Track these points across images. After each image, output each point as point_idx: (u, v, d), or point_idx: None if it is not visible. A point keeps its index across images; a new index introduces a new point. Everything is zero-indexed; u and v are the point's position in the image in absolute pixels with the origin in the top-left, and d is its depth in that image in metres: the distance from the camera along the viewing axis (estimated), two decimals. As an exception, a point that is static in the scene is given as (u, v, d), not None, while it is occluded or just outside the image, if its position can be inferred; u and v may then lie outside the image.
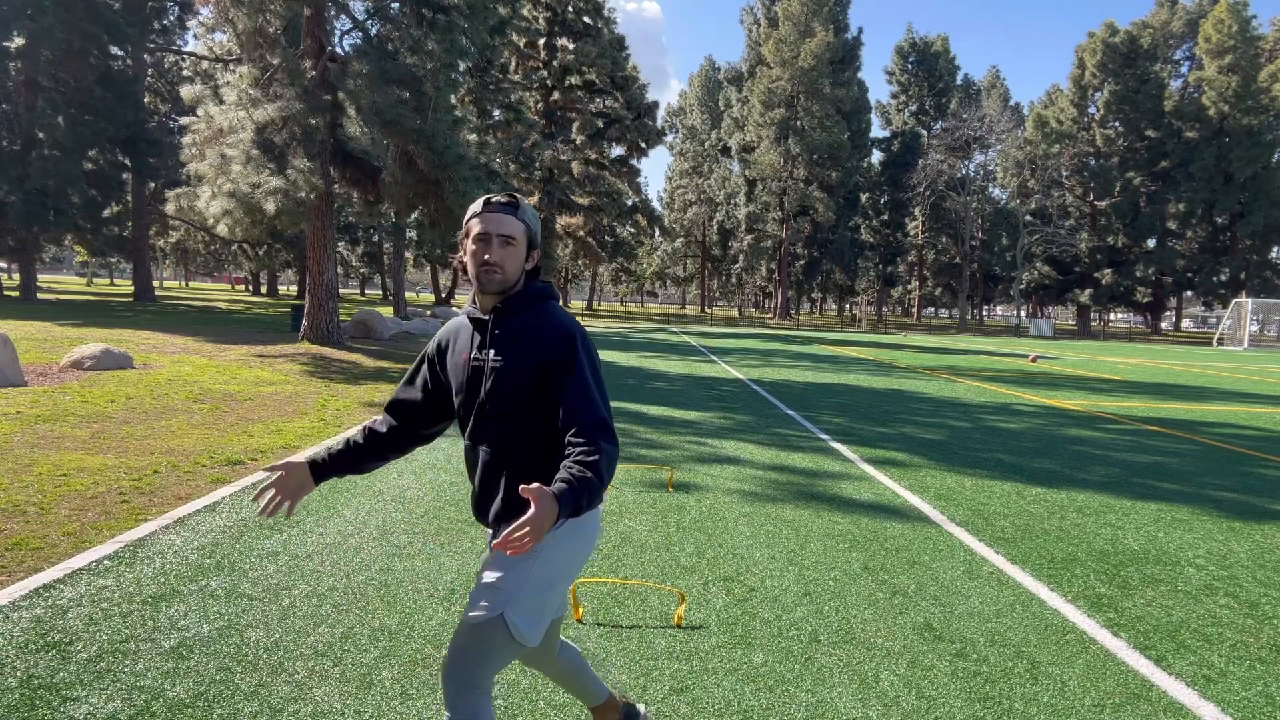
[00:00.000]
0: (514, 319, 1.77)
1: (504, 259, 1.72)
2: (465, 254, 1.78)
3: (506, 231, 1.72)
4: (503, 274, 1.73)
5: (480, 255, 1.72)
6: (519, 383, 1.71)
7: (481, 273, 1.72)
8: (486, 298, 1.77)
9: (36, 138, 25.64)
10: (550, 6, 38.32)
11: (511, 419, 1.73)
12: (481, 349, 1.76)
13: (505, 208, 1.74)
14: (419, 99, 14.30)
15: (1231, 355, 31.29)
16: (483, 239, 1.72)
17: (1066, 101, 55.14)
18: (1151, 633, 3.20)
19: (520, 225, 1.74)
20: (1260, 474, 6.65)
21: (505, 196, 1.75)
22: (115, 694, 2.41)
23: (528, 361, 1.71)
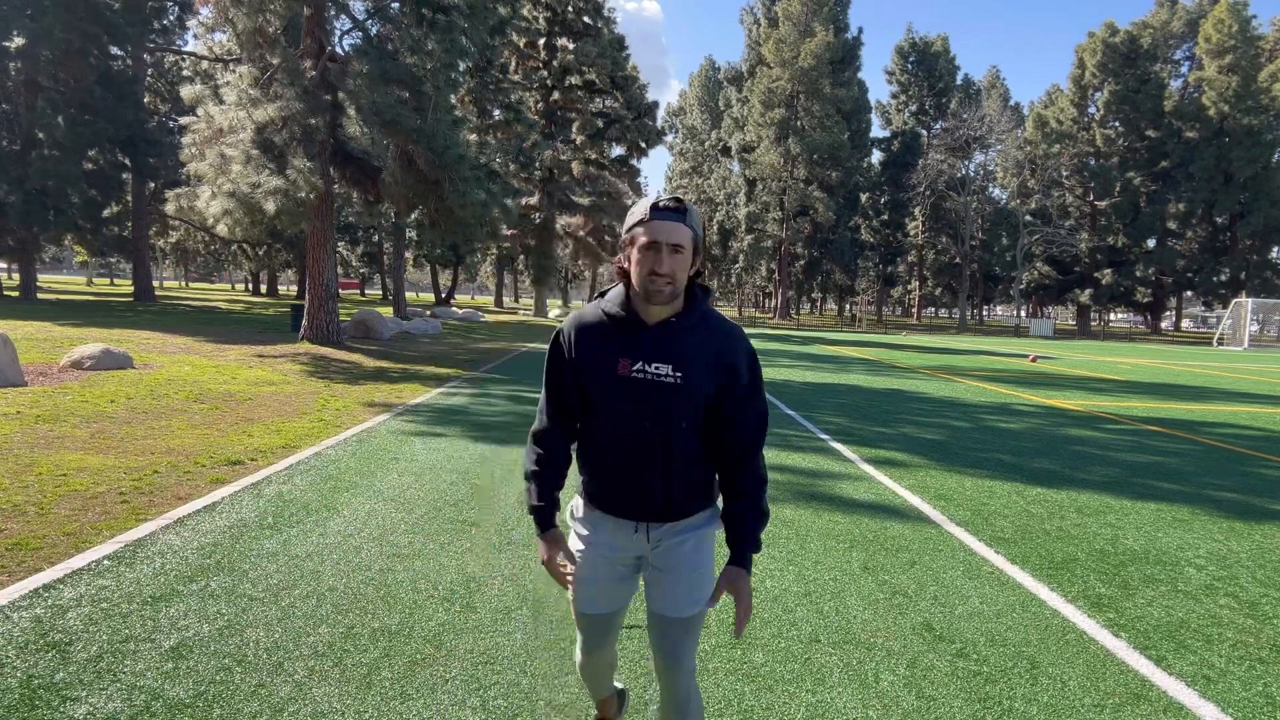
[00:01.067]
0: (688, 332, 1.70)
1: (674, 269, 1.62)
2: (626, 261, 1.68)
3: (676, 240, 1.62)
4: (674, 285, 1.63)
5: (649, 266, 1.62)
6: (695, 402, 1.69)
7: (650, 284, 1.62)
8: (654, 309, 1.68)
9: (36, 138, 25.64)
10: (550, 6, 38.31)
11: (680, 433, 1.70)
12: (650, 361, 1.67)
13: (674, 214, 1.63)
14: (419, 99, 14.30)
15: (1231, 355, 31.28)
16: (651, 248, 1.62)
17: (1066, 101, 55.13)
18: (1151, 633, 3.19)
19: (689, 232, 1.64)
20: (1260, 474, 6.65)
21: (672, 201, 1.64)
22: (115, 694, 2.41)
23: (706, 380, 1.69)
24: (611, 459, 1.76)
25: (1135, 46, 52.57)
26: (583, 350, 1.74)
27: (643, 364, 1.67)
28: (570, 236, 41.11)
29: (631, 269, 1.66)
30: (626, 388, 1.68)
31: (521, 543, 4.03)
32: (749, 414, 1.75)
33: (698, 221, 1.68)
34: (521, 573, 3.60)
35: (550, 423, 1.84)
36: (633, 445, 1.71)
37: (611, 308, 1.72)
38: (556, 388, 1.81)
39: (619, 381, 1.68)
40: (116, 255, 37.01)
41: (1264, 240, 48.74)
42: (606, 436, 1.75)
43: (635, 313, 1.69)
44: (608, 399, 1.70)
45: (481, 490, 5.05)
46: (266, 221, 13.40)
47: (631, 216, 1.68)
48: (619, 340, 1.70)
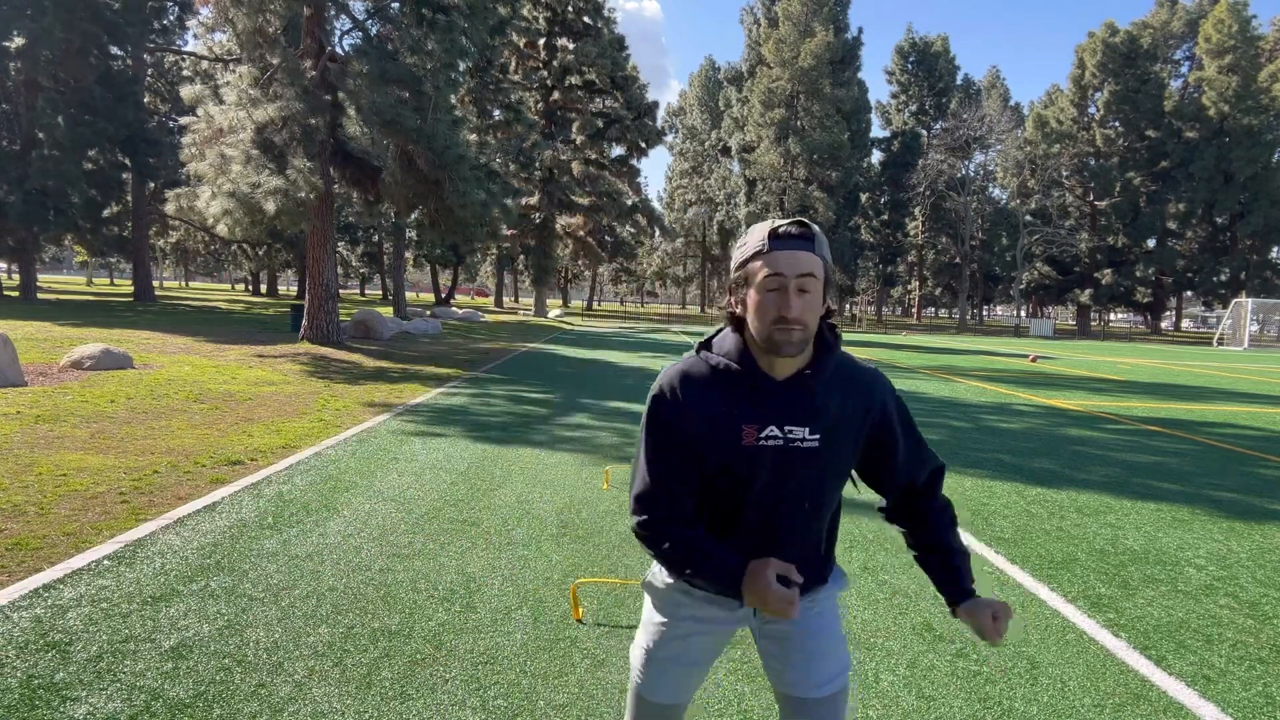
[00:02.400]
0: (825, 387, 1.40)
1: (805, 311, 1.30)
2: (739, 305, 1.38)
3: (806, 271, 1.30)
4: (805, 332, 1.31)
5: (774, 309, 1.30)
6: (839, 469, 1.43)
7: (777, 332, 1.30)
8: (780, 362, 1.37)
9: (36, 138, 25.64)
10: (550, 6, 38.31)
11: (816, 509, 1.44)
12: (781, 425, 1.37)
13: (800, 241, 1.31)
14: (419, 99, 14.31)
15: (1231, 355, 31.28)
16: (775, 287, 1.30)
17: (1066, 101, 55.14)
18: (1151, 633, 3.20)
19: (819, 262, 1.32)
20: (1260, 474, 6.65)
21: (796, 226, 1.32)
22: (115, 694, 2.41)
23: (851, 442, 1.43)
24: (737, 535, 1.44)
25: (1135, 46, 52.57)
26: (696, 412, 1.39)
27: (773, 428, 1.37)
28: (570, 236, 41.13)
29: (749, 314, 1.35)
30: (753, 459, 1.37)
31: (521, 543, 4.03)
32: (921, 463, 1.50)
33: (827, 249, 1.37)
34: (521, 573, 3.60)
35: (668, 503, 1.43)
36: (756, 527, 1.43)
37: (726, 362, 1.39)
38: (667, 463, 1.41)
39: (744, 453, 1.37)
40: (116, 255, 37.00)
41: (1264, 240, 48.73)
42: (722, 516, 1.44)
43: (757, 367, 1.38)
44: (728, 474, 1.39)
45: (481, 490, 5.05)
46: (266, 221, 13.40)
47: (745, 248, 1.36)
48: (739, 404, 1.38)
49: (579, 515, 4.56)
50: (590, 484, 5.24)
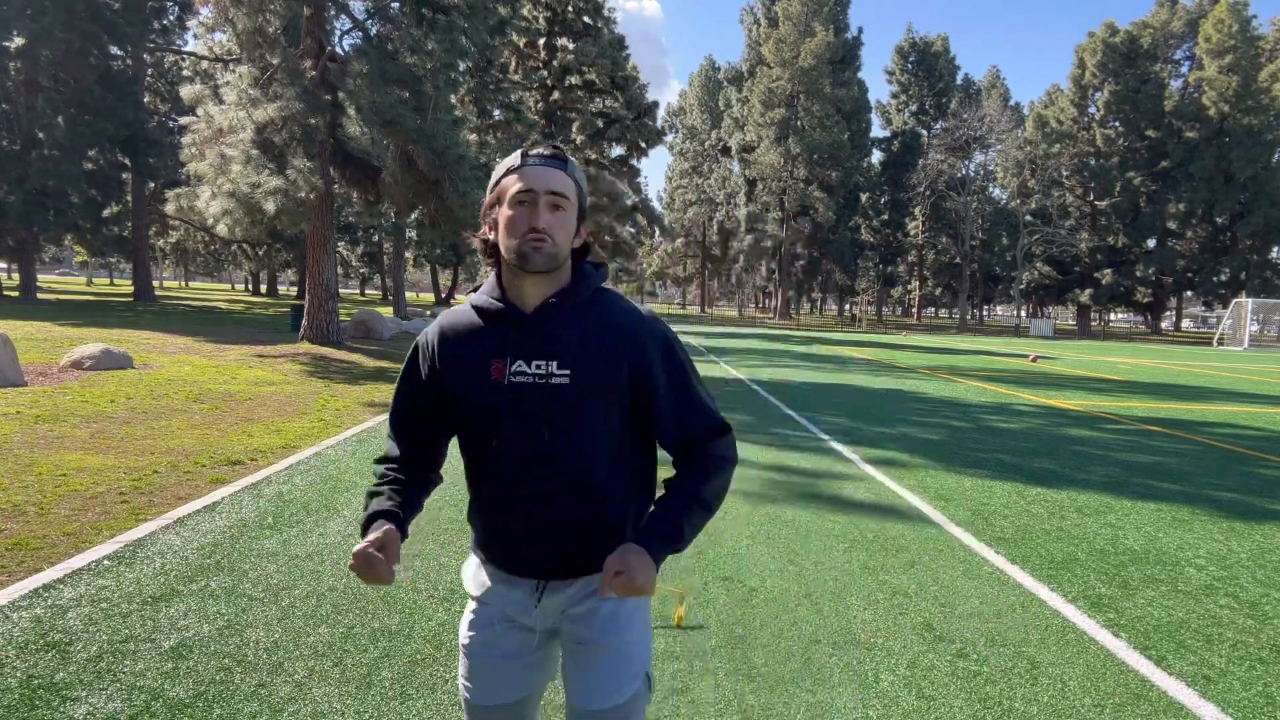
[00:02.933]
0: (574, 317, 1.33)
1: (554, 226, 1.27)
2: (495, 225, 1.33)
3: (557, 189, 1.28)
4: (554, 246, 1.28)
5: (523, 221, 1.27)
6: (598, 410, 1.32)
7: (526, 244, 1.26)
8: (529, 283, 1.32)
9: (36, 138, 25.64)
10: (550, 6, 38.31)
11: (583, 454, 1.33)
12: (530, 359, 1.30)
13: (552, 160, 1.31)
14: (419, 99, 14.30)
15: (1231, 355, 31.28)
16: (526, 200, 1.27)
17: (1066, 101, 55.15)
18: (1152, 633, 3.19)
19: (572, 184, 1.31)
20: (1260, 474, 6.65)
21: (549, 148, 1.33)
22: (115, 694, 2.41)
23: (608, 380, 1.32)
24: (500, 494, 1.37)
25: (1135, 46, 52.58)
26: (448, 356, 1.36)
27: (522, 364, 1.30)
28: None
29: (500, 233, 1.31)
30: (506, 398, 1.31)
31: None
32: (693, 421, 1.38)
33: (582, 178, 1.36)
34: (521, 573, 3.60)
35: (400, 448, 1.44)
36: (523, 473, 1.33)
37: (484, 299, 1.36)
38: (403, 410, 1.43)
39: (494, 390, 1.31)
40: (116, 255, 37.02)
41: (1264, 240, 48.75)
42: (491, 465, 1.36)
43: (510, 300, 1.33)
44: (486, 416, 1.33)
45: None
46: (266, 221, 13.40)
47: (497, 171, 1.35)
48: (493, 338, 1.33)
49: (579, 515, 4.56)
50: (590, 484, 5.24)
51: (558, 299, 1.32)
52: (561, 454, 1.32)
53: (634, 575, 1.21)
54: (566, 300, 1.33)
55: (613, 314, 1.36)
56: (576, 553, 1.36)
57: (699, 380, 1.41)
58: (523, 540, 1.37)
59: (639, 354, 1.33)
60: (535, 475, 1.33)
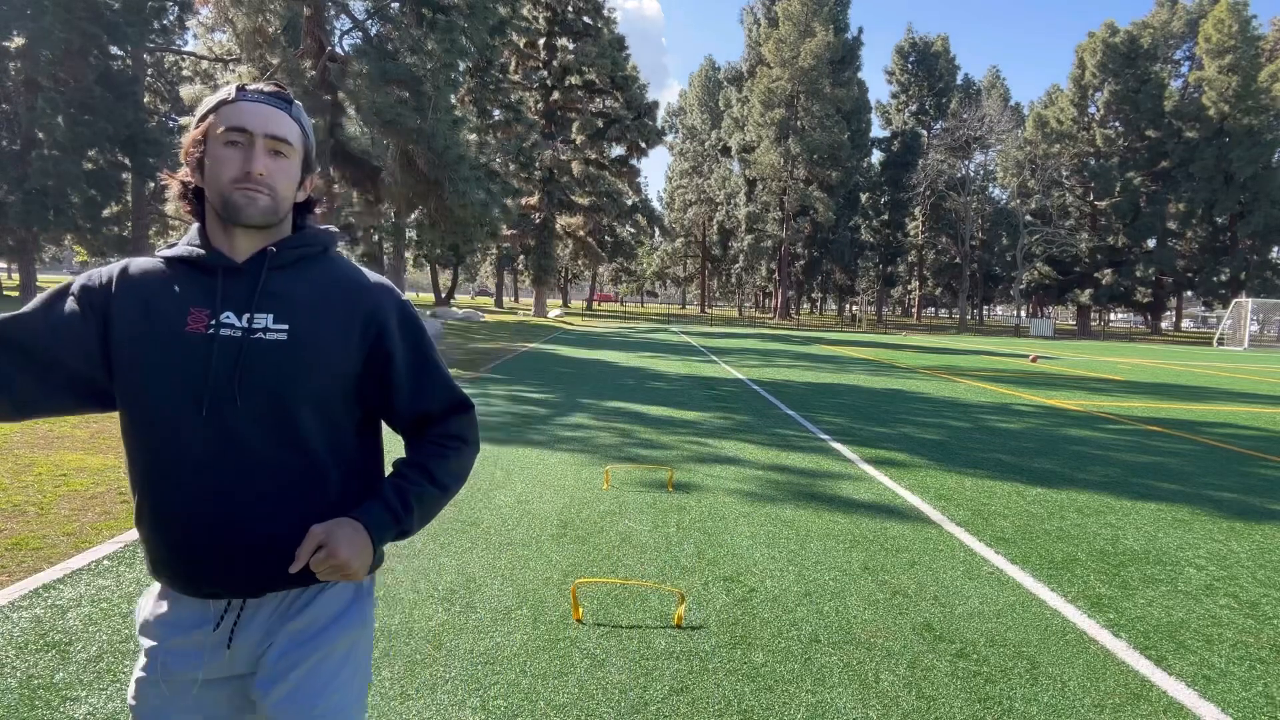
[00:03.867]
0: (295, 273, 1.16)
1: (274, 174, 1.10)
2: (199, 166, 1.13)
3: (278, 132, 1.10)
4: (272, 197, 1.10)
5: (235, 166, 1.08)
6: (318, 371, 1.13)
7: (238, 192, 1.08)
8: (240, 236, 1.13)
9: (36, 138, 25.65)
10: (550, 6, 38.32)
11: (292, 423, 1.11)
12: (240, 312, 1.10)
13: (274, 99, 1.12)
14: (419, 99, 14.31)
15: (1231, 355, 31.28)
16: (239, 140, 1.09)
17: (1066, 101, 55.16)
18: (1151, 633, 3.19)
19: (296, 128, 1.14)
20: (1260, 474, 6.65)
21: (269, 85, 1.14)
22: (115, 694, 2.41)
23: (336, 342, 1.14)
24: (179, 477, 1.10)
25: (1135, 46, 52.59)
26: (126, 302, 1.11)
27: (230, 314, 1.10)
28: (570, 236, 41.13)
29: (206, 180, 1.12)
30: (199, 352, 1.08)
31: (521, 543, 4.03)
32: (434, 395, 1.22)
33: (308, 124, 1.19)
34: (521, 573, 3.60)
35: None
36: (214, 446, 1.09)
37: (181, 249, 1.14)
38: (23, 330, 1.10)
39: (188, 343, 1.08)
40: (116, 255, 37.01)
41: (1264, 240, 48.76)
42: (170, 439, 1.09)
43: (212, 246, 1.13)
44: (169, 373, 1.08)
45: (481, 490, 5.05)
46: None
47: (205, 104, 1.14)
48: (193, 287, 1.11)
49: (579, 515, 4.55)
50: (590, 484, 5.24)
51: (277, 249, 1.14)
52: (273, 424, 1.10)
53: (339, 550, 1.02)
54: (287, 253, 1.15)
55: (343, 271, 1.20)
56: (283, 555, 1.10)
57: (438, 354, 1.25)
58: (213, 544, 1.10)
59: (374, 312, 1.18)
60: (234, 453, 1.09)
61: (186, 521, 1.11)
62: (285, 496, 1.12)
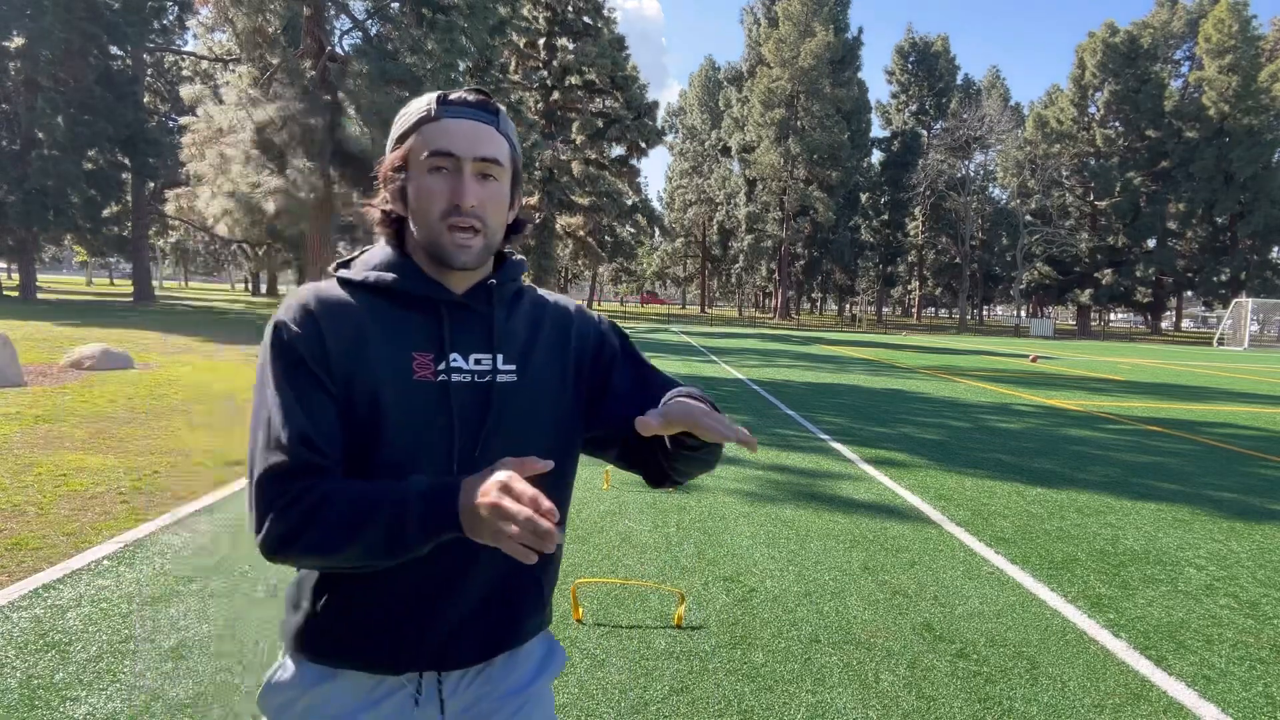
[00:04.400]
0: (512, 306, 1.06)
1: (485, 203, 0.95)
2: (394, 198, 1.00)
3: (486, 153, 0.95)
4: (484, 234, 0.96)
5: (444, 196, 0.94)
6: (547, 412, 1.04)
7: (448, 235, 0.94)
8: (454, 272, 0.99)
9: (36, 138, 25.66)
10: (550, 6, 38.33)
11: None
12: (466, 352, 0.98)
13: (480, 112, 0.97)
14: (419, 99, 14.33)
15: (1232, 355, 31.28)
16: (444, 165, 0.94)
17: (1067, 101, 55.17)
18: (1152, 633, 3.19)
19: (504, 144, 0.98)
20: (1260, 474, 6.65)
21: (473, 93, 0.98)
22: (115, 694, 2.41)
23: (554, 373, 1.05)
24: None
25: (1135, 46, 52.60)
26: (342, 341, 0.95)
27: (458, 357, 0.98)
28: (570, 236, 41.14)
29: (410, 213, 0.98)
30: (434, 403, 0.95)
31: (521, 543, 4.03)
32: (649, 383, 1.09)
33: (513, 131, 1.03)
34: (521, 573, 3.60)
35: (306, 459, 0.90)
36: None
37: (379, 275, 0.98)
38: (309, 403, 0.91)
39: (419, 394, 0.95)
40: (116, 255, 37.04)
41: (1264, 240, 48.77)
42: None
43: (424, 275, 0.99)
44: (405, 431, 0.94)
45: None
46: (266, 221, 13.41)
47: (404, 119, 0.99)
48: (402, 325, 0.98)
49: (579, 515, 4.55)
50: (590, 484, 5.24)
51: (498, 280, 1.03)
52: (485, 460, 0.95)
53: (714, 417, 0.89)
54: (508, 285, 1.05)
55: (542, 297, 1.12)
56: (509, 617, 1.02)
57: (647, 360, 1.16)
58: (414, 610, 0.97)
59: (586, 334, 1.10)
60: None
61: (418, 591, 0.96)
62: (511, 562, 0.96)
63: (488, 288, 1.02)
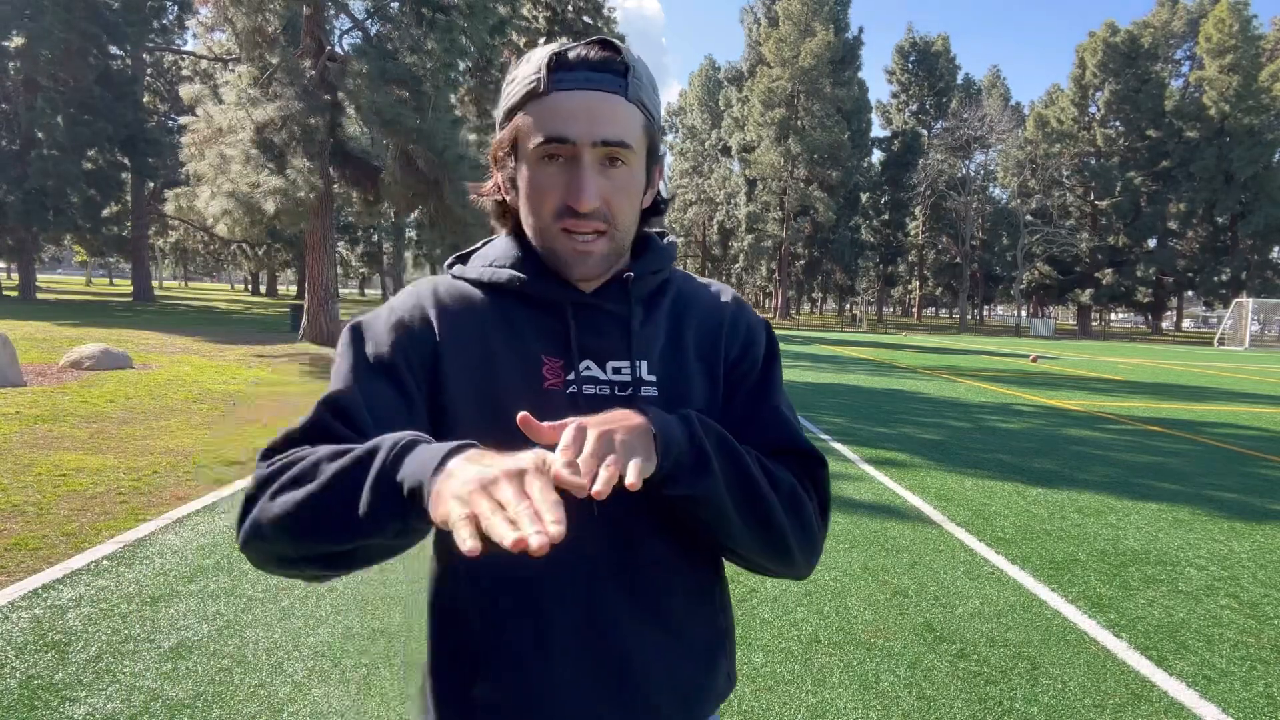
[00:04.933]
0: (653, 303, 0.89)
1: (610, 198, 0.78)
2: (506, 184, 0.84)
3: (610, 135, 0.75)
4: (610, 237, 0.79)
5: (558, 192, 0.77)
6: None
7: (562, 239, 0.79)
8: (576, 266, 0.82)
9: (36, 137, 25.66)
10: (550, 6, 38.33)
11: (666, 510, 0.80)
12: (602, 360, 0.83)
13: (603, 75, 0.76)
14: (418, 99, 14.30)
15: (1232, 355, 31.28)
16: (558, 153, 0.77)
17: (1067, 101, 55.16)
18: (1152, 633, 3.19)
19: (635, 116, 0.78)
20: (1261, 474, 6.64)
21: (595, 45, 0.78)
22: (114, 694, 2.41)
23: (700, 376, 0.87)
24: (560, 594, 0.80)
25: (1136, 46, 52.59)
26: (462, 351, 0.81)
27: (591, 365, 0.82)
28: (570, 236, 41.13)
29: (520, 208, 0.82)
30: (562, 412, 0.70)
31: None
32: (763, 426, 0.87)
33: (652, 91, 0.81)
34: (521, 573, 3.60)
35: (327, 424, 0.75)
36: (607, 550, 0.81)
37: (497, 272, 0.84)
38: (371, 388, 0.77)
39: (549, 402, 0.78)
40: (116, 255, 37.03)
41: (1265, 240, 48.74)
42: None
43: (548, 271, 0.83)
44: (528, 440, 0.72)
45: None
46: (266, 221, 13.41)
47: (511, 87, 0.80)
48: (527, 327, 0.83)
49: (579, 515, 4.55)
50: (590, 484, 5.24)
51: (635, 274, 0.85)
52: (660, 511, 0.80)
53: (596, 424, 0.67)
54: (648, 279, 0.87)
55: (690, 287, 0.93)
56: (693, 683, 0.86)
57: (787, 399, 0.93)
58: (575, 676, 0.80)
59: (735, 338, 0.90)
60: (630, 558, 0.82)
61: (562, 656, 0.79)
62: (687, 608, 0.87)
63: (623, 282, 0.85)
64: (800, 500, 0.83)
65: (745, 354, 0.90)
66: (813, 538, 0.84)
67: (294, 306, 20.07)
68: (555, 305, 0.83)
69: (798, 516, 0.82)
